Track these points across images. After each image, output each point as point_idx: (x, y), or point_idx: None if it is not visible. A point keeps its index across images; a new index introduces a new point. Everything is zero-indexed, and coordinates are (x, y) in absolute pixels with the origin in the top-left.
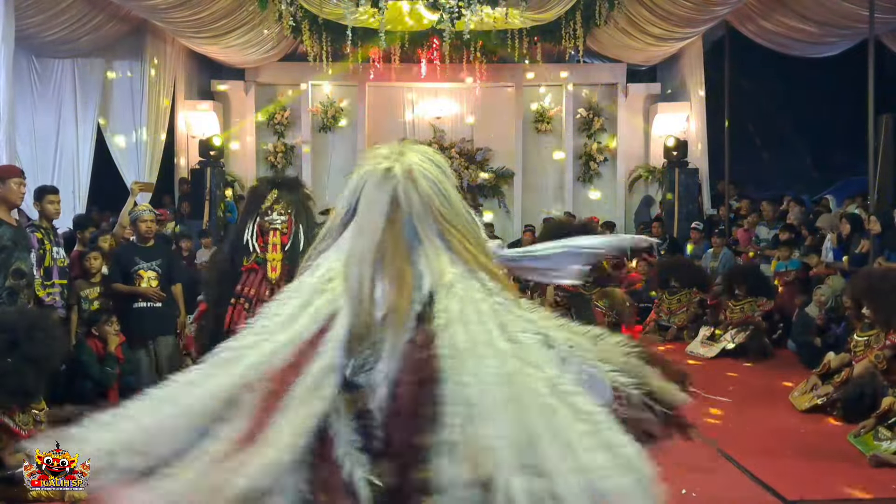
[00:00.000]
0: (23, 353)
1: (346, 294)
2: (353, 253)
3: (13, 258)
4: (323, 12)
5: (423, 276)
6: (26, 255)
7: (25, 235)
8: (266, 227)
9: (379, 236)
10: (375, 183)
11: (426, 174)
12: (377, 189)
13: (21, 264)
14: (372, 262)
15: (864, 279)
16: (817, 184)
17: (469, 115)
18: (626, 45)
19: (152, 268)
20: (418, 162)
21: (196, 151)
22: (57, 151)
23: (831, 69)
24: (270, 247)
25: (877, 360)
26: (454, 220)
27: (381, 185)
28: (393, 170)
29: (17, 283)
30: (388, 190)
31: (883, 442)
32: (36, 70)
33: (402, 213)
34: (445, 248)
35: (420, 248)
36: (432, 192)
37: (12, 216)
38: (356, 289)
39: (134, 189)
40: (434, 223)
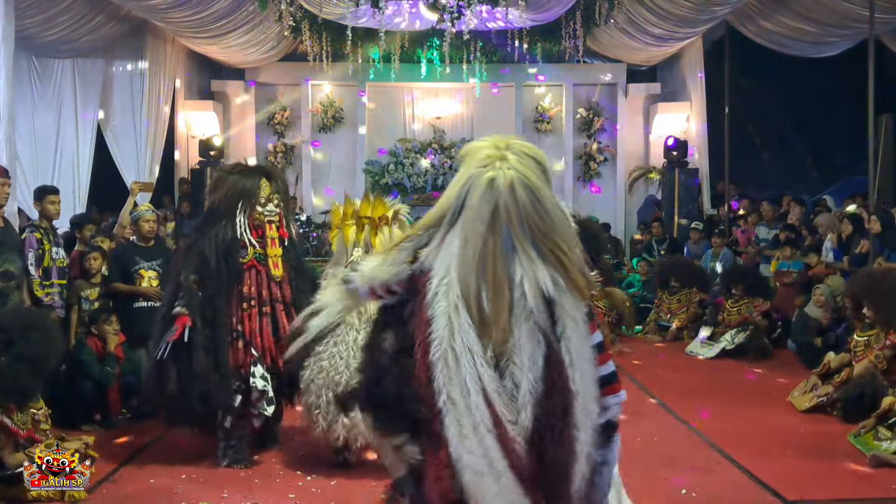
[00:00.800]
0: (18, 352)
1: (461, 299)
2: (463, 262)
3: (0, 259)
4: (323, 12)
5: (521, 286)
6: (15, 257)
7: (13, 236)
8: (261, 220)
9: (481, 245)
10: (480, 194)
11: (525, 183)
12: (481, 200)
13: (9, 266)
14: (476, 271)
15: (865, 279)
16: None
17: (469, 115)
18: (626, 45)
19: (153, 267)
20: (519, 169)
21: (196, 151)
22: (57, 151)
23: (831, 69)
24: (269, 241)
25: (877, 360)
26: (548, 230)
27: (485, 196)
28: (496, 181)
29: (7, 285)
30: (491, 201)
31: (883, 442)
32: (36, 70)
33: (502, 224)
34: (538, 257)
35: (516, 258)
36: (529, 201)
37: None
38: (467, 294)
39: (134, 189)
40: (529, 233)
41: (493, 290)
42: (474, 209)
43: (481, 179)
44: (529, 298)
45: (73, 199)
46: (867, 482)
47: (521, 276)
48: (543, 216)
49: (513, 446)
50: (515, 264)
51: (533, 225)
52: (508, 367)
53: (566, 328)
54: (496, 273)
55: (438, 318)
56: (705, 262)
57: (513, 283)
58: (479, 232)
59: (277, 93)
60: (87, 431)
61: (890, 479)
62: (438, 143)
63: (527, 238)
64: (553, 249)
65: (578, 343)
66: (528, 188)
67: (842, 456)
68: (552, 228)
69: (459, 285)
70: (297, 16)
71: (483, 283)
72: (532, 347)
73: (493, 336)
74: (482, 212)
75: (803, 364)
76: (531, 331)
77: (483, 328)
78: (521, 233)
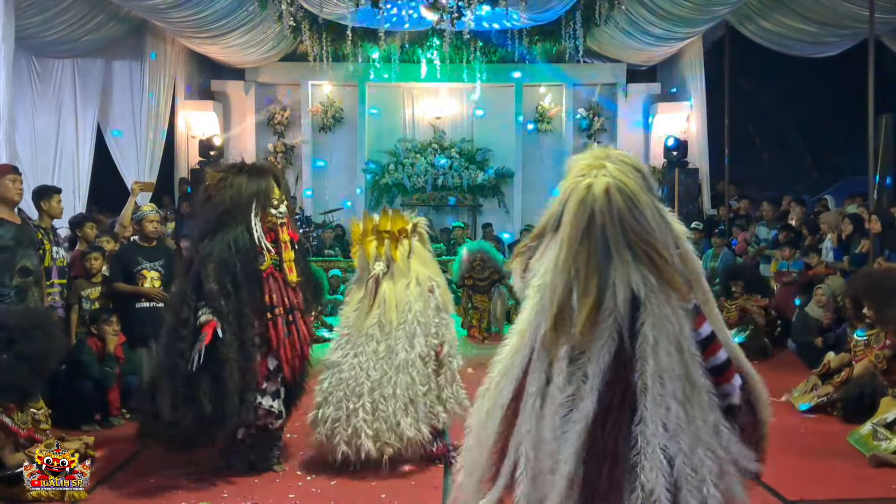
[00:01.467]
0: (18, 350)
1: (544, 299)
2: (557, 265)
3: (18, 256)
4: (323, 12)
5: (614, 287)
6: (31, 253)
7: (30, 233)
8: (274, 223)
9: (576, 248)
10: (577, 200)
11: (622, 189)
12: (578, 205)
13: (27, 262)
14: (568, 272)
15: (864, 279)
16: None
17: (469, 115)
18: (626, 45)
19: (155, 268)
20: (616, 175)
21: (196, 151)
22: (57, 151)
23: (831, 69)
24: (283, 245)
25: (877, 360)
26: (643, 232)
27: (581, 203)
28: (592, 187)
29: (25, 282)
30: (587, 207)
31: (882, 442)
32: (36, 70)
33: (597, 228)
34: (633, 260)
35: (611, 262)
36: (626, 207)
37: (15, 214)
38: (549, 297)
39: (134, 189)
40: (624, 236)
41: (581, 291)
42: (571, 214)
43: (579, 187)
44: (619, 299)
45: (73, 199)
46: (867, 482)
47: (615, 279)
48: (639, 219)
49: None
50: (610, 268)
51: (628, 228)
52: (580, 358)
53: (645, 326)
54: (587, 275)
55: (522, 316)
56: (705, 262)
57: (605, 284)
58: (575, 236)
59: (277, 93)
60: (87, 431)
61: (890, 479)
62: (438, 143)
63: (622, 241)
64: (648, 251)
65: (657, 341)
66: (625, 193)
67: (842, 456)
68: (648, 231)
69: (550, 287)
70: (297, 16)
71: (575, 284)
72: (604, 342)
73: (576, 331)
74: (578, 217)
75: (803, 364)
76: (609, 328)
77: (562, 323)
78: (616, 236)
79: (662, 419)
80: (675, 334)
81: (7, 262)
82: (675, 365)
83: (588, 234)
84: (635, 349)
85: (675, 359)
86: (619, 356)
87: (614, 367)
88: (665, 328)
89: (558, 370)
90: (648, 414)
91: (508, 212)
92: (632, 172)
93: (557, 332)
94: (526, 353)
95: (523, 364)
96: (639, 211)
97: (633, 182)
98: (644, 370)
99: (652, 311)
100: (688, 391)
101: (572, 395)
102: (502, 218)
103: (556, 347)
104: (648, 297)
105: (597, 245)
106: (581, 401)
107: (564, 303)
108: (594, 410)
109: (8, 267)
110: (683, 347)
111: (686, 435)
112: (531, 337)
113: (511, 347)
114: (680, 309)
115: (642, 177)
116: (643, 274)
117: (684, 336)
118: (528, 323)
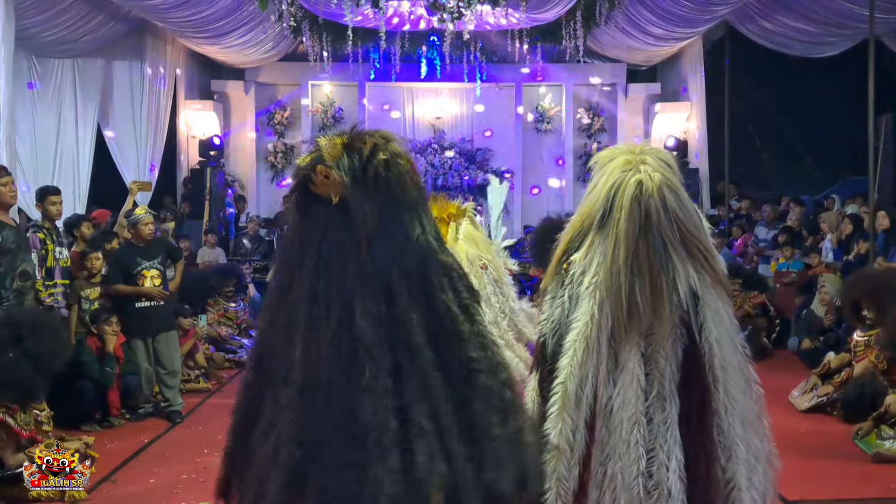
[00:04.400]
0: (25, 349)
1: (609, 295)
2: (615, 262)
3: (18, 260)
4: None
5: (675, 283)
6: (29, 257)
7: (25, 237)
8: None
9: (634, 245)
10: (630, 196)
11: (670, 186)
12: (632, 202)
13: (26, 266)
14: (629, 268)
15: (862, 280)
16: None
17: (469, 115)
18: (626, 45)
19: (154, 266)
20: (662, 172)
21: (196, 151)
22: (57, 151)
23: (831, 69)
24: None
25: (877, 360)
26: (692, 229)
27: (637, 199)
28: (644, 185)
29: (24, 285)
30: (642, 203)
31: (886, 441)
32: (36, 70)
33: (653, 225)
34: (687, 256)
35: (667, 257)
36: (676, 204)
37: (10, 217)
38: (614, 296)
39: (133, 189)
40: (678, 233)
41: (650, 287)
42: (626, 211)
43: (629, 183)
44: (681, 293)
45: (73, 199)
46: (867, 482)
47: (674, 273)
48: (689, 217)
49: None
50: (669, 262)
51: (681, 225)
52: (653, 356)
53: (706, 320)
54: (652, 270)
55: (581, 316)
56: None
57: (667, 279)
58: (633, 233)
59: (277, 93)
60: (87, 431)
61: (890, 479)
62: (438, 143)
63: (675, 238)
64: (699, 247)
65: (719, 334)
66: (673, 191)
67: (842, 456)
68: (697, 227)
69: (614, 285)
70: (297, 16)
71: (637, 280)
72: (674, 339)
73: (655, 327)
74: (634, 214)
75: (803, 364)
76: (676, 325)
77: (631, 321)
78: (671, 233)
79: (736, 410)
80: (727, 328)
81: (9, 266)
82: (734, 357)
83: (645, 231)
84: (701, 343)
85: (734, 351)
86: (689, 352)
87: (687, 363)
88: (722, 322)
89: (636, 371)
90: (722, 406)
91: (509, 212)
92: (669, 169)
93: (629, 331)
94: (596, 360)
95: (596, 373)
96: (686, 208)
97: (676, 179)
98: (713, 363)
99: (709, 306)
100: (744, 382)
101: (656, 395)
102: (502, 218)
103: (630, 347)
104: (703, 292)
105: (654, 241)
106: (665, 400)
107: (632, 301)
108: (680, 408)
109: (9, 270)
110: (735, 341)
111: (749, 424)
112: (596, 340)
113: (579, 354)
114: (727, 304)
115: (680, 179)
116: (696, 269)
117: (735, 330)
118: (592, 326)
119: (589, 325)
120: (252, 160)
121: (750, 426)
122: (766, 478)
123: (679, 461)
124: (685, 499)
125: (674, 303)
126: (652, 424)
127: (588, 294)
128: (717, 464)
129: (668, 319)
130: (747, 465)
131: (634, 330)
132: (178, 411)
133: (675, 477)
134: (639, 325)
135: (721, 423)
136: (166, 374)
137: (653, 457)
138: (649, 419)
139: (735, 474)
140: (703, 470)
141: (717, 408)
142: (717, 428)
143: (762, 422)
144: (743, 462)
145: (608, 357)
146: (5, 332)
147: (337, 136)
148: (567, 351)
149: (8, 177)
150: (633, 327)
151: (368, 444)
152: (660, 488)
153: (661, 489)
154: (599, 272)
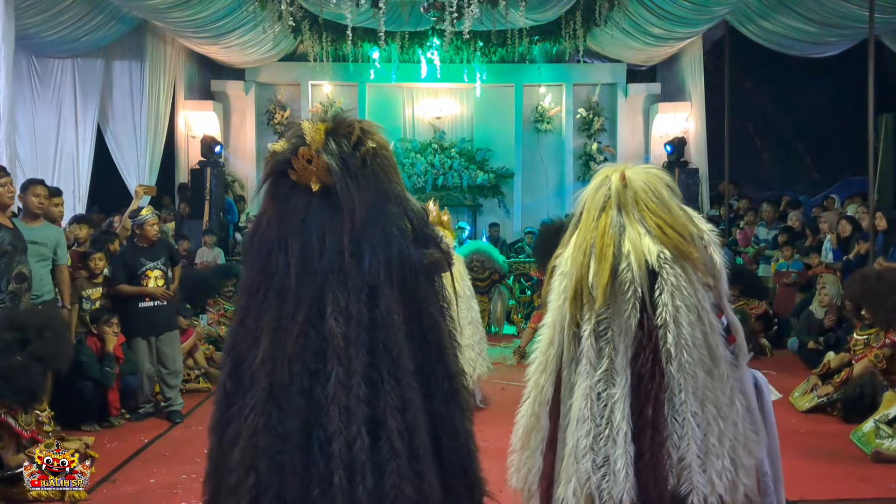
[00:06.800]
0: (33, 351)
1: (568, 274)
2: (577, 245)
3: (14, 262)
4: (323, 12)
5: (629, 257)
6: (25, 259)
7: (22, 238)
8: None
9: (592, 226)
10: (594, 186)
11: (640, 175)
12: (595, 190)
13: (22, 268)
14: (584, 249)
15: (861, 281)
16: (817, 184)
17: (469, 115)
18: (626, 45)
19: (157, 266)
20: (634, 168)
21: (196, 151)
22: (57, 151)
23: (831, 69)
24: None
25: (876, 360)
26: (657, 209)
27: (598, 187)
28: (609, 177)
29: (19, 287)
30: (604, 190)
31: (885, 440)
32: (36, 70)
33: (613, 207)
34: (647, 233)
35: (625, 234)
36: (642, 189)
37: (7, 219)
38: (568, 274)
39: (138, 192)
40: (639, 212)
41: (597, 261)
42: (589, 198)
43: (597, 179)
44: (633, 269)
45: (73, 200)
46: (867, 482)
47: (629, 249)
48: (657, 198)
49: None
50: (624, 238)
51: (642, 204)
52: (606, 334)
53: (662, 295)
54: (603, 244)
55: (551, 306)
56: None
57: (619, 254)
58: (592, 217)
59: (277, 93)
60: (87, 431)
61: (890, 479)
62: (438, 143)
63: (636, 216)
64: (660, 224)
65: (676, 310)
66: (642, 180)
67: (842, 456)
68: (664, 209)
69: (570, 266)
70: (297, 16)
71: (592, 258)
72: (628, 314)
73: (597, 304)
74: (595, 199)
75: (803, 364)
76: (630, 300)
77: (583, 298)
78: (630, 212)
79: (691, 387)
80: (694, 305)
81: (6, 268)
82: (698, 333)
83: (605, 213)
84: (654, 319)
85: (697, 328)
86: (642, 326)
87: (639, 338)
88: (684, 298)
89: (588, 348)
90: (675, 382)
91: (508, 212)
92: (653, 169)
93: (576, 304)
94: (559, 343)
95: (558, 355)
96: (657, 192)
97: (653, 176)
98: (667, 338)
99: (668, 281)
100: (710, 361)
101: (605, 370)
102: (502, 218)
103: (584, 323)
104: (663, 267)
105: (612, 220)
106: (616, 374)
107: (582, 276)
108: (630, 382)
109: (5, 272)
110: (703, 319)
111: (711, 403)
112: (561, 325)
113: (544, 342)
114: (699, 283)
115: (660, 180)
116: (657, 246)
117: (704, 308)
118: (557, 313)
119: (555, 313)
120: (252, 160)
121: (713, 406)
122: (739, 465)
123: (626, 434)
124: (632, 472)
125: (628, 279)
126: (601, 399)
127: (556, 284)
128: (669, 441)
129: (621, 295)
130: (704, 445)
131: (588, 307)
132: (178, 411)
133: (622, 451)
134: (591, 303)
135: (674, 398)
136: (168, 374)
137: (601, 431)
138: (597, 394)
139: (687, 453)
140: (651, 445)
141: (671, 383)
142: (668, 403)
143: (735, 406)
144: (697, 441)
145: (572, 340)
146: (11, 336)
147: (320, 121)
148: (537, 339)
149: (7, 177)
150: (588, 305)
151: (333, 457)
152: (608, 462)
153: (609, 463)
154: (567, 262)
